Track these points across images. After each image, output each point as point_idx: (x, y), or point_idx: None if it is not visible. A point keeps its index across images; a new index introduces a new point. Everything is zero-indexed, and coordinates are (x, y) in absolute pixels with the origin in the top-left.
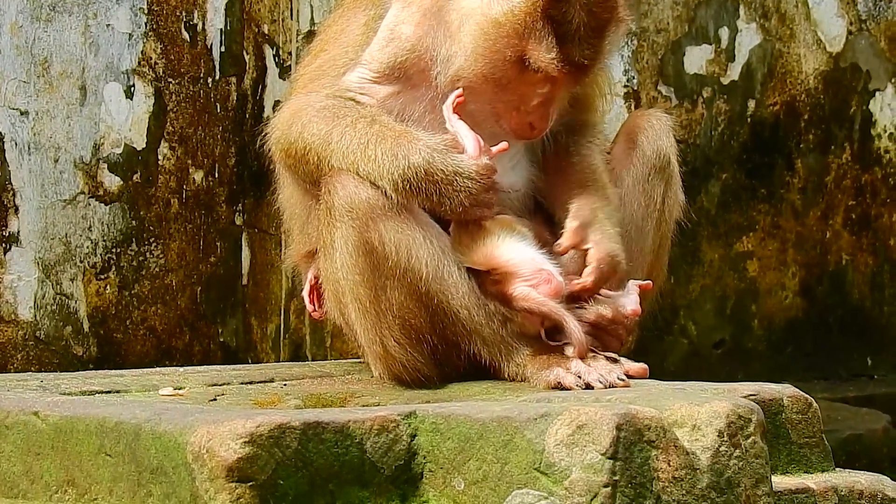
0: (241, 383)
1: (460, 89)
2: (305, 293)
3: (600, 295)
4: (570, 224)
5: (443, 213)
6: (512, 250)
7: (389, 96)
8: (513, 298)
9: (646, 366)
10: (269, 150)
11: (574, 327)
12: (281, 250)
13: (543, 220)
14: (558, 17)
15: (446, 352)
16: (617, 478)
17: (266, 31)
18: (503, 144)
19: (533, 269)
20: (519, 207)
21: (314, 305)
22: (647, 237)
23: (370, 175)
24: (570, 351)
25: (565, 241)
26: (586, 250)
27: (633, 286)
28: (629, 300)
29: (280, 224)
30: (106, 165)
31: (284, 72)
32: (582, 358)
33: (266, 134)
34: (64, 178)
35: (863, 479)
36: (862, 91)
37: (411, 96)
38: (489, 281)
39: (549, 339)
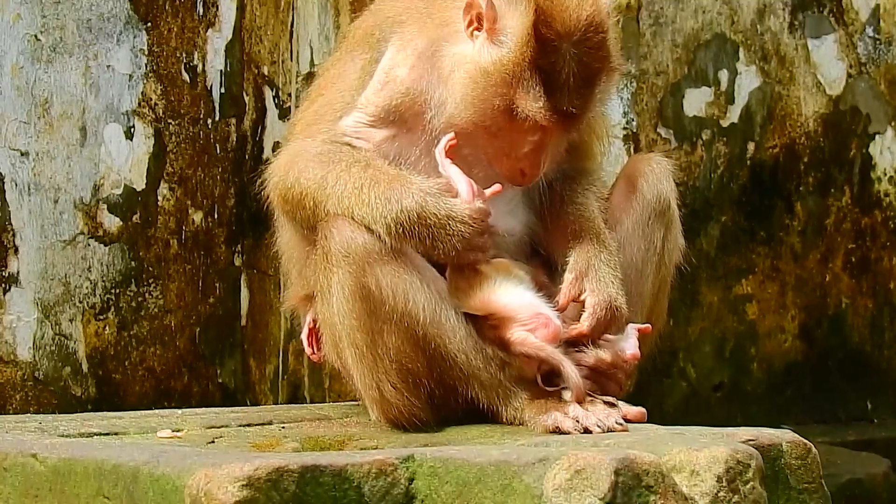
0: (240, 426)
1: (452, 133)
2: (304, 336)
3: (601, 339)
4: (568, 277)
5: (436, 257)
6: (509, 294)
7: (385, 140)
8: (510, 343)
9: (644, 410)
10: (268, 195)
11: (572, 372)
12: (280, 291)
13: (541, 263)
14: (547, 68)
15: (443, 396)
16: None
17: (266, 73)
18: (496, 187)
19: (530, 314)
20: (516, 251)
21: (313, 348)
22: (646, 280)
23: (364, 219)
24: (568, 395)
25: (563, 296)
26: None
27: (632, 330)
28: (628, 344)
29: (279, 265)
30: (106, 206)
31: (284, 113)
32: (580, 402)
33: (264, 179)
34: (64, 218)
35: None
36: (862, 134)
37: (407, 140)
38: (487, 325)
39: (547, 383)
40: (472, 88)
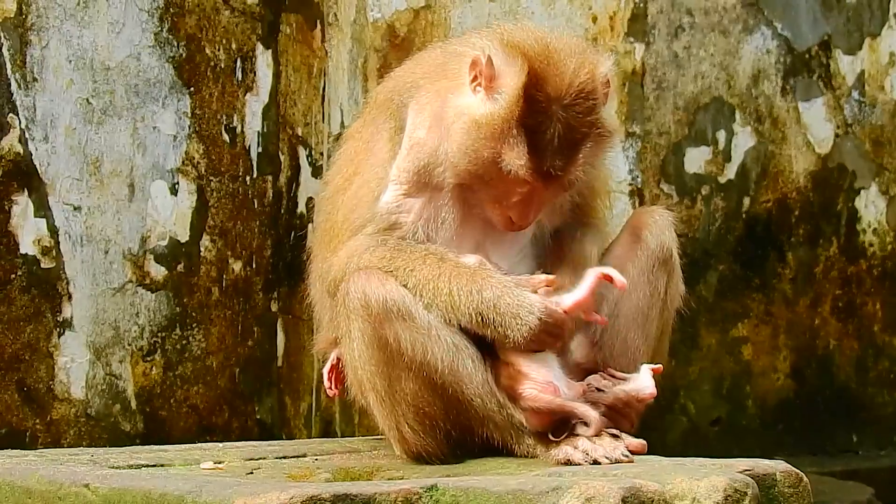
0: (276, 458)
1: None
2: (326, 370)
3: (616, 378)
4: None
5: (508, 345)
6: (531, 355)
7: (423, 207)
8: (521, 398)
9: (644, 441)
10: (317, 286)
11: (587, 411)
12: (312, 335)
13: None
14: (534, 127)
15: (460, 436)
16: None
17: (300, 133)
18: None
19: (543, 379)
20: None
21: (331, 383)
22: (651, 324)
23: (443, 309)
24: (586, 431)
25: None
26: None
27: (646, 370)
28: (644, 384)
29: (312, 312)
30: (152, 256)
31: (317, 171)
32: (598, 436)
33: (319, 278)
34: (113, 267)
35: None
36: (848, 189)
37: (437, 200)
38: (503, 375)
39: (555, 434)
40: (466, 138)
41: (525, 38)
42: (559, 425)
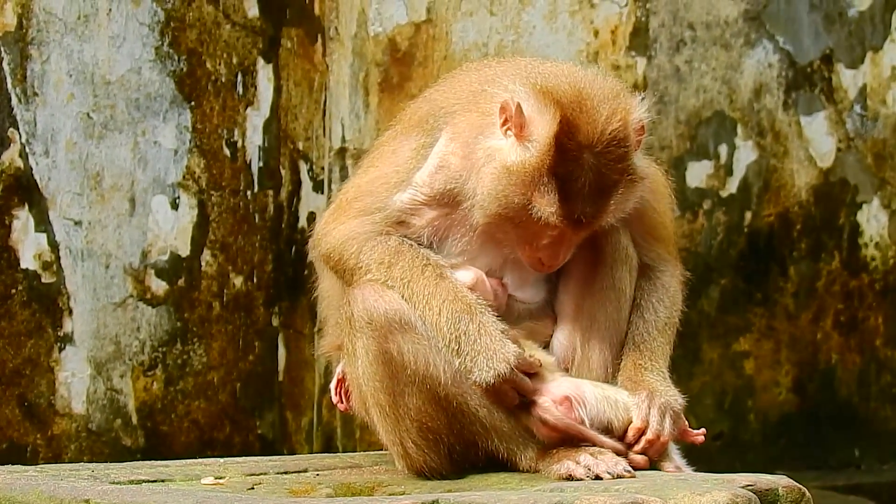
0: (278, 473)
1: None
2: (333, 386)
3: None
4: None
5: (470, 378)
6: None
7: (437, 218)
8: (535, 406)
9: (646, 457)
10: (317, 253)
11: (600, 438)
12: (314, 350)
13: (551, 319)
14: (565, 176)
15: (463, 451)
16: None
17: (301, 148)
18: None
19: (560, 392)
20: (536, 313)
21: (340, 398)
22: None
23: (428, 323)
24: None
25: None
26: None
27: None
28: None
29: (313, 325)
30: (153, 271)
31: (318, 185)
32: (619, 453)
33: (316, 238)
34: (114, 282)
35: None
36: (850, 203)
37: (452, 221)
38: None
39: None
40: (496, 183)
41: (558, 84)
42: (567, 441)
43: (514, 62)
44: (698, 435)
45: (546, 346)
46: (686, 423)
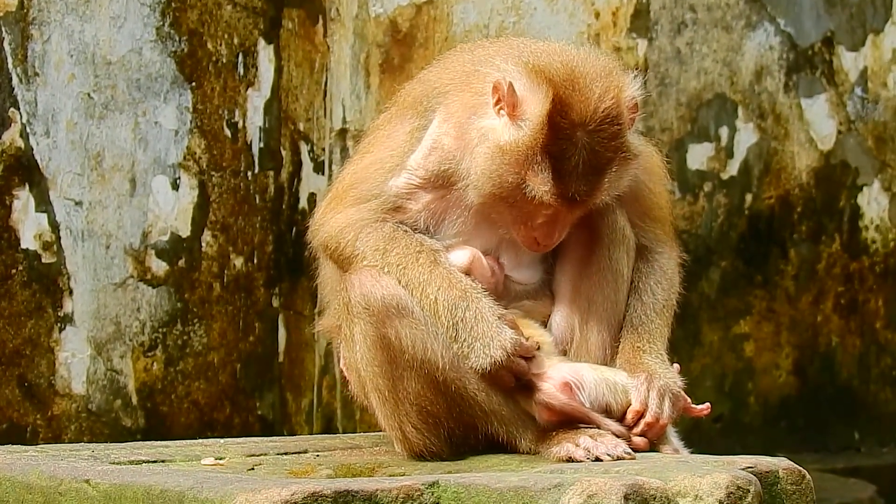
0: (278, 454)
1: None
2: (343, 366)
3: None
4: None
5: (468, 364)
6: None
7: (432, 201)
8: (538, 389)
9: (646, 439)
10: (316, 244)
11: (605, 421)
12: (314, 331)
13: (549, 300)
14: (558, 154)
15: (463, 434)
16: None
17: (301, 129)
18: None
19: (561, 378)
20: (533, 293)
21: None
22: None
23: (425, 309)
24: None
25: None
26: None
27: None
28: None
29: (314, 306)
30: (153, 252)
31: (318, 166)
32: (619, 436)
33: (315, 228)
34: (115, 263)
35: None
36: (851, 186)
37: (448, 203)
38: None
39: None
40: (490, 164)
41: (550, 63)
42: (567, 425)
43: (507, 42)
44: (703, 410)
45: (544, 325)
46: (688, 400)
